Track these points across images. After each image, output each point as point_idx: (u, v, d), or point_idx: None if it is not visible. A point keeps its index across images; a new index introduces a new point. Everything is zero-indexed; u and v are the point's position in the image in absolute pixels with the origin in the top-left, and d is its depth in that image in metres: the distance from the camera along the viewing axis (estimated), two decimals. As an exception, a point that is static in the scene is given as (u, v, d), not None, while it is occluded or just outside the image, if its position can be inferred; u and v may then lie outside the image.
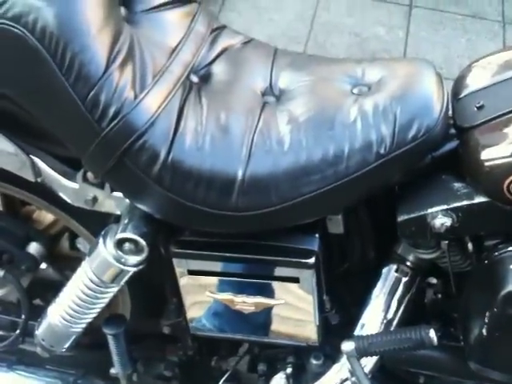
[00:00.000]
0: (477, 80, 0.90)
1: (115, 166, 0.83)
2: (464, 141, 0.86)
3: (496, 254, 0.85)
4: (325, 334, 1.03)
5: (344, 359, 0.97)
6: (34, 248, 1.14)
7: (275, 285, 0.94)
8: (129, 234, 0.88)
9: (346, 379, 0.99)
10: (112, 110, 0.80)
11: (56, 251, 1.24)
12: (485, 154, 0.81)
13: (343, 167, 0.83)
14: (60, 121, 0.84)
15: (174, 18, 0.95)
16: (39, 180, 0.97)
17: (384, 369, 1.06)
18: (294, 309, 0.96)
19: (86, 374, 1.19)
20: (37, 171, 0.96)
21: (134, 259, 0.91)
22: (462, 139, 0.86)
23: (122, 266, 0.92)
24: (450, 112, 0.90)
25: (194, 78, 0.91)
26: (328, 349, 1.06)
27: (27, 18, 0.77)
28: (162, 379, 1.20)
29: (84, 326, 1.05)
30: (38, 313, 1.11)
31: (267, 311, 0.97)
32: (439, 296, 1.04)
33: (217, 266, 0.94)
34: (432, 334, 0.86)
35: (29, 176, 0.97)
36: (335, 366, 1.00)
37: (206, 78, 0.92)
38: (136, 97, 0.81)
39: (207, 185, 0.83)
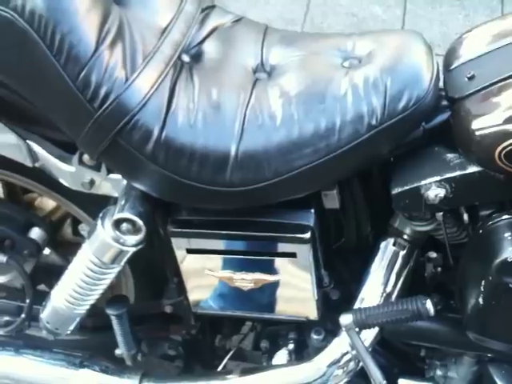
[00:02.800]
0: (468, 51, 0.91)
1: (110, 146, 0.84)
2: (455, 111, 0.86)
3: (490, 223, 0.85)
4: (325, 310, 1.04)
5: (344, 333, 0.98)
6: (35, 233, 1.16)
7: (273, 261, 0.95)
8: (126, 214, 0.90)
9: (347, 353, 1.00)
10: (103, 90, 0.81)
11: (59, 237, 1.26)
12: (475, 124, 0.82)
13: (335, 140, 0.84)
14: (53, 103, 0.85)
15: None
16: (37, 165, 0.99)
17: (385, 342, 1.07)
18: (293, 284, 0.97)
19: (93, 356, 1.21)
20: (34, 156, 0.98)
21: (132, 239, 0.92)
22: (453, 110, 0.87)
23: (120, 247, 0.93)
24: (442, 84, 0.91)
25: (186, 58, 0.91)
26: (329, 324, 1.07)
27: (16, 1, 0.78)
28: (167, 358, 1.22)
29: (87, 307, 1.06)
30: (42, 297, 1.13)
31: (266, 287, 0.99)
32: (439, 269, 1.04)
33: (215, 244, 0.95)
34: (429, 304, 0.87)
35: (26, 161, 0.98)
36: (335, 340, 1.01)
37: (197, 57, 0.93)
38: (127, 77, 0.82)
39: (201, 161, 0.84)
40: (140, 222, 0.90)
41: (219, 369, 1.18)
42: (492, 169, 0.82)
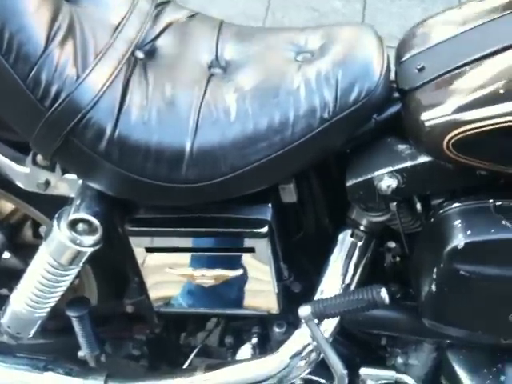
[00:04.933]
0: (418, 42, 0.92)
1: (62, 145, 0.83)
2: (405, 103, 0.88)
3: (441, 211, 0.87)
4: (287, 302, 1.05)
5: (305, 325, 0.99)
6: (-7, 236, 1.14)
7: (232, 256, 0.96)
8: (81, 215, 0.89)
9: (308, 344, 1.01)
10: (54, 89, 0.80)
11: (19, 240, 1.24)
12: (425, 115, 0.83)
13: (289, 133, 0.85)
14: (4, 103, 0.84)
15: None
16: None
17: (346, 332, 1.09)
18: (253, 278, 0.98)
19: (57, 359, 1.20)
20: None
21: (89, 239, 0.92)
22: (404, 102, 0.88)
23: (77, 247, 0.93)
24: (394, 76, 0.92)
25: (139, 54, 0.91)
26: (291, 317, 1.08)
27: None
28: (131, 358, 1.22)
29: (48, 310, 1.05)
30: (3, 302, 1.12)
31: (227, 283, 0.99)
32: (397, 259, 1.06)
33: (173, 242, 0.95)
34: (383, 293, 0.89)
35: None
36: (296, 332, 1.02)
37: (151, 54, 0.92)
38: (79, 75, 0.82)
39: (156, 158, 0.84)
40: (96, 222, 0.89)
41: (185, 366, 1.18)
42: (441, 158, 0.84)
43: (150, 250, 0.96)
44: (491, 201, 0.83)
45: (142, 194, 0.89)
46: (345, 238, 1.02)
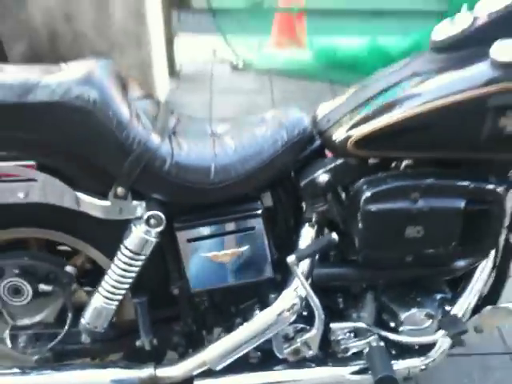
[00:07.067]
0: (322, 110, 1.70)
1: (141, 172, 1.46)
2: (324, 138, 1.61)
3: (355, 187, 1.56)
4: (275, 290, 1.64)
5: (291, 286, 1.58)
6: (69, 269, 1.65)
7: (240, 236, 1.57)
8: (153, 212, 1.48)
9: (294, 298, 1.58)
10: (136, 139, 1.45)
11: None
12: (334, 137, 1.57)
13: (264, 155, 1.55)
14: (105, 153, 1.45)
15: (149, 104, 1.66)
16: (80, 209, 1.54)
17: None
18: (254, 251, 1.58)
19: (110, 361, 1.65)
20: (78, 203, 1.53)
21: (156, 231, 1.50)
22: (322, 138, 1.62)
23: (149, 238, 1.50)
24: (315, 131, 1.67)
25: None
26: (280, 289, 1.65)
27: (84, 95, 1.42)
28: (173, 345, 1.70)
29: (119, 301, 1.56)
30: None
31: (239, 257, 1.58)
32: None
33: (206, 231, 1.55)
34: (333, 235, 1.52)
35: (73, 206, 1.53)
36: (283, 293, 1.60)
37: (174, 133, 1.61)
38: (147, 132, 1.48)
39: (196, 171, 1.49)
40: (162, 216, 1.49)
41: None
42: (349, 156, 1.56)
43: (190, 240, 1.55)
44: (380, 173, 1.55)
45: (189, 195, 1.51)
46: (305, 227, 1.66)
